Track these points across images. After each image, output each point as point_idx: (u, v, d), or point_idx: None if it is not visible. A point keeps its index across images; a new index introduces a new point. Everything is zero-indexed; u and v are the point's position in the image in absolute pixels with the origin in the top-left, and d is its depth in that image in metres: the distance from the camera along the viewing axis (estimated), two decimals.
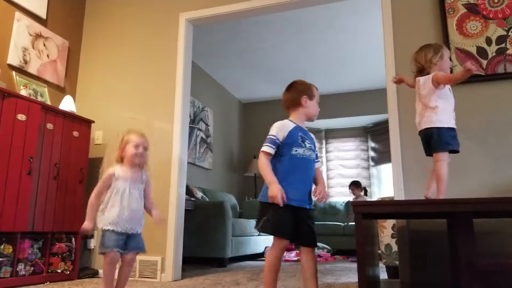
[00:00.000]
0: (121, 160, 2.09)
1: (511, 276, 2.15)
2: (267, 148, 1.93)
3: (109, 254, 1.91)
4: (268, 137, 1.97)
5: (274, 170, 1.87)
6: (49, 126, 2.88)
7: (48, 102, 3.17)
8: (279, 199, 1.74)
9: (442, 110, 1.94)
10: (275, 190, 1.75)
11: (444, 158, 1.89)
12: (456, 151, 1.94)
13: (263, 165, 1.89)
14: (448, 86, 2.00)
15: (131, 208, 1.98)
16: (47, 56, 3.33)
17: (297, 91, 2.08)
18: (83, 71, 3.69)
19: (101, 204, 2.01)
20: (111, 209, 1.97)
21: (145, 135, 2.14)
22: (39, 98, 3.11)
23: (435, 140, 1.92)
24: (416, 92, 2.05)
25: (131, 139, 2.09)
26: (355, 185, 5.94)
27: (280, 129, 1.96)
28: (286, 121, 2.03)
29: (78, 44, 3.73)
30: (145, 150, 2.09)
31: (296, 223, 1.81)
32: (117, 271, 2.01)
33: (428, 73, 2.02)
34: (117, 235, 1.94)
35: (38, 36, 3.25)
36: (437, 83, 1.95)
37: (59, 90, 3.45)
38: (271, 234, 1.88)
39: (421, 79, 2.03)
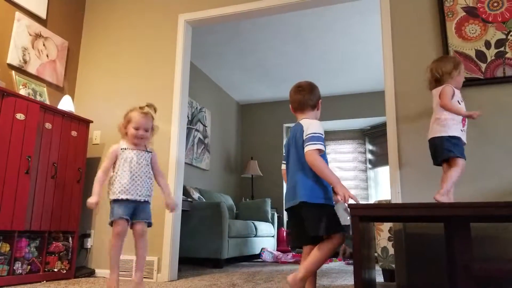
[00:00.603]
0: (125, 134, 2.17)
1: (508, 281, 2.16)
2: (320, 146, 1.84)
3: (117, 222, 1.95)
4: (315, 134, 1.85)
5: (310, 169, 1.85)
6: (48, 125, 2.88)
7: (47, 102, 3.17)
8: (352, 196, 1.78)
9: (447, 121, 2.07)
10: (344, 189, 1.79)
11: (456, 163, 2.01)
12: (458, 157, 2.02)
13: (322, 164, 1.81)
14: (458, 98, 2.11)
15: (139, 176, 2.06)
16: (47, 56, 3.33)
17: (317, 94, 2.04)
18: (82, 71, 3.69)
19: (109, 178, 2.10)
20: (121, 177, 2.03)
21: (149, 112, 2.15)
22: (38, 98, 3.11)
23: (438, 149, 2.06)
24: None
25: (133, 118, 2.12)
26: None
27: (321, 127, 1.92)
28: (317, 120, 2.00)
29: (77, 44, 3.73)
30: (146, 131, 2.12)
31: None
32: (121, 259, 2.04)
33: (441, 85, 2.13)
34: (126, 204, 1.98)
35: (37, 36, 3.25)
36: (438, 98, 2.08)
37: (58, 90, 3.45)
38: (338, 232, 1.86)
39: (434, 92, 2.17)
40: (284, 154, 2.10)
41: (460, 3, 2.63)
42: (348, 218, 3.91)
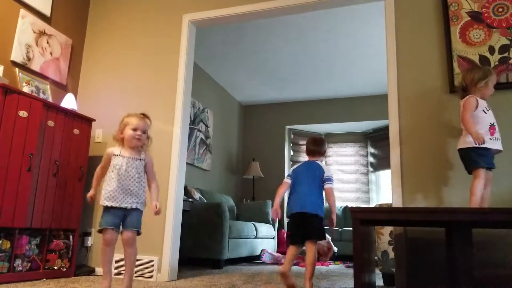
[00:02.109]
0: (121, 141, 2.15)
1: (508, 287, 2.16)
2: (333, 186, 2.61)
3: (104, 232, 1.96)
4: (332, 177, 2.60)
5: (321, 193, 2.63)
6: (50, 123, 2.88)
7: (50, 100, 3.18)
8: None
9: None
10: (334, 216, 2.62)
11: (477, 175, 2.05)
12: (481, 167, 2.06)
13: (334, 198, 2.57)
14: (482, 107, 2.13)
15: (127, 184, 2.04)
16: (50, 53, 3.34)
17: (326, 146, 2.86)
18: (85, 70, 3.70)
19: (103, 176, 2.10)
20: (108, 184, 2.05)
21: (146, 117, 2.17)
22: (41, 95, 3.12)
23: (464, 160, 2.14)
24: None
25: (130, 121, 2.14)
26: None
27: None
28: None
29: (81, 43, 3.74)
30: (144, 133, 2.12)
31: None
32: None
33: (467, 94, 2.17)
34: (114, 212, 1.98)
35: (42, 33, 3.26)
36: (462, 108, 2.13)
37: (61, 88, 3.46)
38: (324, 239, 2.68)
39: (460, 102, 2.21)
40: (290, 174, 2.74)
41: (465, 7, 2.62)
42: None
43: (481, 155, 2.06)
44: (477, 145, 2.04)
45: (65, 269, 2.92)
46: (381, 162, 6.78)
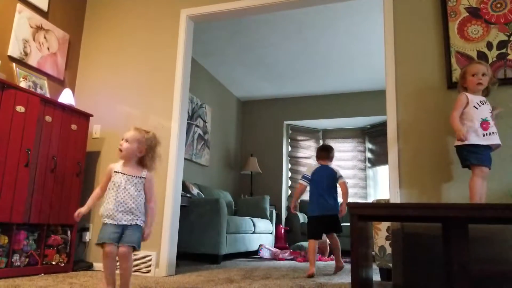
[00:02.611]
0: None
1: (504, 282, 2.17)
2: (345, 179, 3.51)
3: (103, 247, 1.94)
4: (343, 175, 3.54)
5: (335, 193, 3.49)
6: (48, 118, 2.88)
7: (47, 95, 3.17)
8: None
9: (466, 128, 2.13)
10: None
11: (472, 172, 2.09)
12: (474, 164, 2.09)
13: (347, 190, 3.47)
14: (474, 103, 2.15)
15: (125, 202, 1.99)
16: (48, 48, 3.33)
17: (334, 152, 3.67)
18: (83, 65, 3.69)
19: (102, 196, 2.06)
20: (107, 202, 2.01)
21: (138, 129, 2.11)
22: (39, 91, 3.11)
23: (459, 158, 2.17)
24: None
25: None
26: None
27: None
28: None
29: (78, 38, 3.72)
30: (127, 142, 2.05)
31: None
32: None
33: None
34: (113, 228, 1.96)
35: (39, 28, 3.24)
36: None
37: (59, 83, 3.45)
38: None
39: None
40: (307, 176, 3.46)
41: (464, 3, 2.62)
42: None
43: (471, 152, 2.09)
44: (466, 143, 2.09)
45: (63, 264, 2.92)
46: (379, 158, 6.79)
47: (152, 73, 3.40)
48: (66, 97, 3.22)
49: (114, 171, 2.04)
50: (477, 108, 2.14)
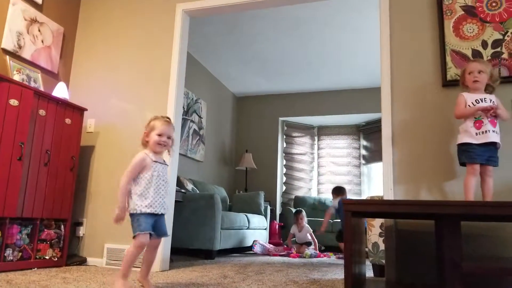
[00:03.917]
0: (146, 143, 2.14)
1: (495, 279, 2.20)
2: None
3: (142, 236, 1.96)
4: None
5: None
6: (42, 112, 2.86)
7: (41, 88, 3.14)
8: None
9: (461, 129, 2.18)
10: None
11: (467, 170, 2.12)
12: (466, 163, 2.14)
13: None
14: (469, 103, 2.17)
15: (161, 188, 2.07)
16: (42, 41, 3.30)
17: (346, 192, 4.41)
18: (77, 58, 3.66)
19: (133, 188, 2.05)
20: (147, 190, 2.03)
21: (170, 121, 2.17)
22: (32, 84, 3.08)
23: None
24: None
25: (156, 125, 2.11)
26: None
27: None
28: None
29: (73, 31, 3.69)
30: (169, 139, 2.13)
31: None
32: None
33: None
34: (150, 218, 2.01)
35: (33, 21, 3.21)
36: None
37: (53, 77, 3.42)
38: None
39: None
40: (334, 207, 4.47)
41: (459, 1, 2.62)
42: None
43: (463, 151, 2.14)
44: (460, 142, 2.14)
45: (56, 259, 2.91)
46: (373, 155, 6.82)
47: (147, 67, 3.38)
48: (60, 90, 3.20)
49: (153, 161, 2.07)
50: (473, 105, 2.16)
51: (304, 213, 5.28)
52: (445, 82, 2.55)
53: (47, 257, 2.86)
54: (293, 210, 6.27)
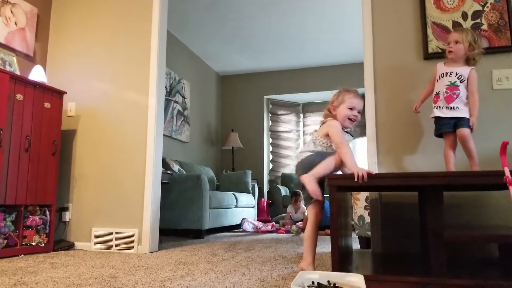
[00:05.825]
0: (332, 116, 2.05)
1: (475, 246, 2.26)
2: None
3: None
4: None
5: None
6: (19, 97, 2.78)
7: (17, 72, 3.05)
8: None
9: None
10: None
11: (444, 143, 2.16)
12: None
13: None
14: (437, 75, 2.16)
15: None
16: (15, 23, 3.18)
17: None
18: (53, 40, 3.55)
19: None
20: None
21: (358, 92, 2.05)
22: (8, 68, 2.99)
23: None
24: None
25: (347, 98, 2.01)
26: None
27: None
28: None
29: (47, 11, 3.56)
30: (359, 113, 2.02)
31: None
32: None
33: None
34: None
35: (4, 2, 3.09)
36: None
37: (29, 60, 3.32)
38: None
39: None
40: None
41: None
42: None
43: (435, 125, 2.18)
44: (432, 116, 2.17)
45: (43, 245, 2.89)
46: (357, 130, 6.87)
47: (126, 46, 3.30)
48: (38, 74, 3.11)
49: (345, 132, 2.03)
50: (437, 81, 2.16)
51: (301, 195, 5.33)
52: (427, 55, 2.55)
53: (33, 244, 2.83)
54: (280, 188, 6.33)
